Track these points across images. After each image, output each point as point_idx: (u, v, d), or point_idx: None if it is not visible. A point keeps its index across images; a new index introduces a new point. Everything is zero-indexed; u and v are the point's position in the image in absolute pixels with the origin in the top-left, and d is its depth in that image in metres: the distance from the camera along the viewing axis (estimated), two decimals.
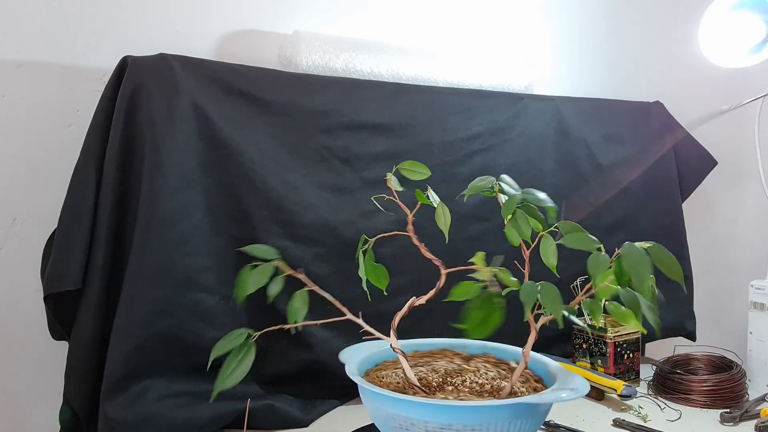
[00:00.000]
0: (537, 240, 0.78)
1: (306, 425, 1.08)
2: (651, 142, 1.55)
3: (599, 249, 0.72)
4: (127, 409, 0.94)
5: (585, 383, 0.78)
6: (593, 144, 1.46)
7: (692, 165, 1.59)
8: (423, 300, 0.80)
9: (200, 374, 1.02)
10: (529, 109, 1.37)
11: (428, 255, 0.79)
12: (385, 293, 0.83)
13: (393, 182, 0.83)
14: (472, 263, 0.78)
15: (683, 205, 1.59)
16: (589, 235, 0.73)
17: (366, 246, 0.80)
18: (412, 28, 1.43)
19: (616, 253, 0.71)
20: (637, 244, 0.71)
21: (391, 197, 0.83)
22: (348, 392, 1.13)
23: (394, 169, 0.84)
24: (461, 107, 1.29)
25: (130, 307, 0.96)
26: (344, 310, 0.79)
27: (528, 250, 0.78)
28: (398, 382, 0.84)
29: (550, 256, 0.76)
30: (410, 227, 0.81)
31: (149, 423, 0.95)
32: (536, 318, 0.77)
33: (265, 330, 0.74)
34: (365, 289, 0.81)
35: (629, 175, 1.50)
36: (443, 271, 0.79)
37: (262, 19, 1.28)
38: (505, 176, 0.84)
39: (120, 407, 0.93)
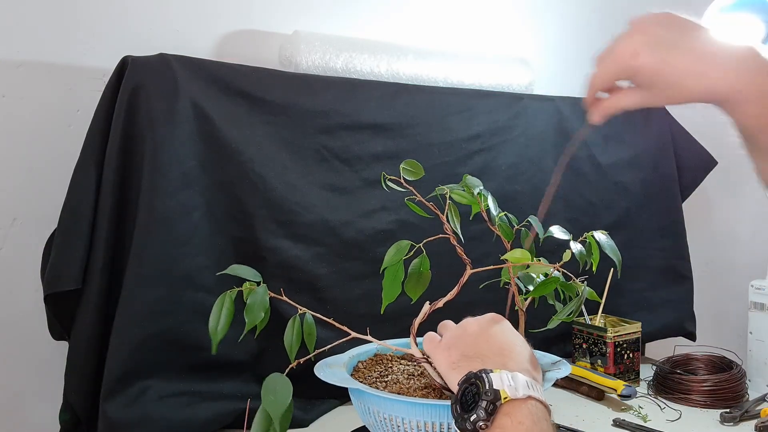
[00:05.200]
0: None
1: (306, 425, 1.08)
2: (651, 142, 1.55)
3: None
4: (127, 409, 0.94)
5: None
6: (593, 144, 1.46)
7: (692, 165, 1.59)
8: (441, 303, 0.80)
9: (200, 374, 1.03)
10: (529, 109, 1.37)
11: (462, 255, 0.79)
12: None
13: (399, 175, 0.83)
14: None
15: (683, 205, 1.59)
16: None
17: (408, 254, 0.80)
18: (412, 28, 1.44)
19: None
20: None
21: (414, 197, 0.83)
22: (348, 392, 1.13)
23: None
24: (461, 107, 1.29)
25: (130, 307, 0.95)
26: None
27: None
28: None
29: None
30: (447, 225, 0.81)
31: (149, 423, 0.95)
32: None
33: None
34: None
35: (629, 175, 1.50)
36: (468, 270, 0.79)
37: (262, 19, 1.28)
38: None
39: (120, 407, 0.93)
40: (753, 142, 0.58)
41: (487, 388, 0.59)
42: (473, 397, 0.60)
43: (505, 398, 0.59)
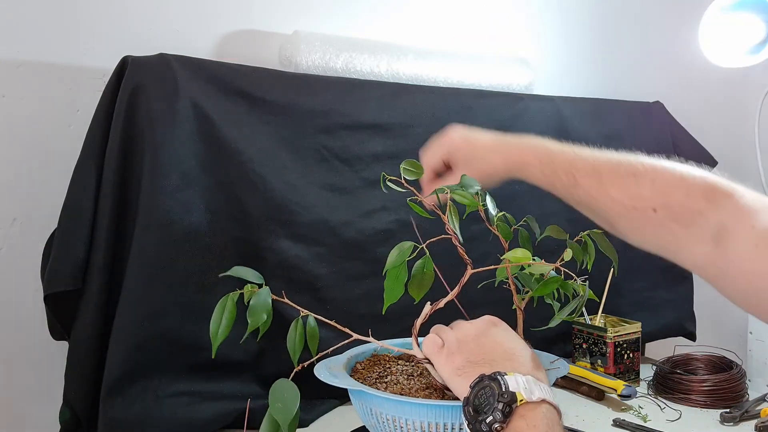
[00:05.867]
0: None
1: (306, 425, 1.08)
2: (651, 142, 1.54)
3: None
4: (127, 409, 0.94)
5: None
6: (593, 144, 1.45)
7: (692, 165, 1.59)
8: (442, 303, 0.79)
9: (200, 374, 1.03)
10: (529, 109, 1.37)
11: (463, 255, 0.79)
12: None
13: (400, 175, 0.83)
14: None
15: None
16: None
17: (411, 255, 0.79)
18: (412, 28, 1.44)
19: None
20: None
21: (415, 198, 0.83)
22: (347, 392, 1.13)
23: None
24: (461, 107, 1.29)
25: (130, 307, 0.95)
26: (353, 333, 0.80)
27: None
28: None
29: None
30: (449, 226, 0.81)
31: (149, 423, 0.95)
32: None
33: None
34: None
35: None
36: (469, 271, 0.79)
37: (262, 19, 1.28)
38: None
39: (120, 407, 0.93)
40: (553, 193, 0.81)
41: (503, 390, 0.59)
42: (487, 399, 0.60)
43: (521, 401, 0.59)
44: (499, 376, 0.61)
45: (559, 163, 0.79)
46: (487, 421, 0.59)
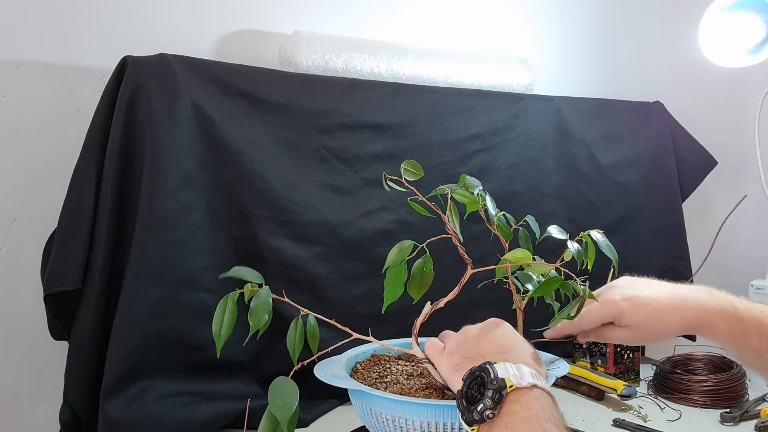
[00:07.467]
0: None
1: (306, 425, 1.08)
2: (651, 142, 1.55)
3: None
4: (127, 409, 0.94)
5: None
6: (593, 144, 1.46)
7: (692, 165, 1.59)
8: (442, 303, 0.79)
9: (200, 374, 1.03)
10: (529, 109, 1.37)
11: (463, 255, 0.79)
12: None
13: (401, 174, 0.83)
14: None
15: (683, 205, 1.59)
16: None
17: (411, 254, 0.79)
18: (412, 28, 1.44)
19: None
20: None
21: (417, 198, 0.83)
22: (348, 392, 1.13)
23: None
24: (461, 107, 1.29)
25: (130, 307, 0.96)
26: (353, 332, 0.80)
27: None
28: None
29: None
30: (449, 225, 0.81)
31: (149, 423, 0.95)
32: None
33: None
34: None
35: (629, 175, 1.50)
36: (470, 270, 0.79)
37: (262, 19, 1.28)
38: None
39: (120, 407, 0.93)
40: (735, 352, 0.80)
41: (492, 377, 0.60)
42: (479, 388, 0.61)
43: (511, 386, 0.60)
44: (488, 365, 0.62)
45: (750, 323, 0.77)
46: (478, 409, 0.59)
